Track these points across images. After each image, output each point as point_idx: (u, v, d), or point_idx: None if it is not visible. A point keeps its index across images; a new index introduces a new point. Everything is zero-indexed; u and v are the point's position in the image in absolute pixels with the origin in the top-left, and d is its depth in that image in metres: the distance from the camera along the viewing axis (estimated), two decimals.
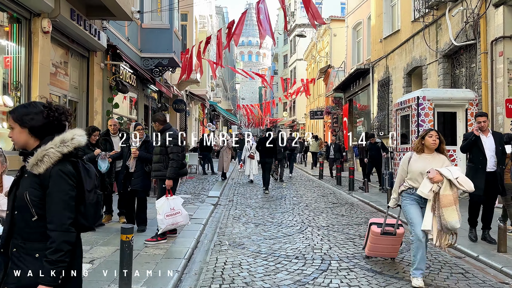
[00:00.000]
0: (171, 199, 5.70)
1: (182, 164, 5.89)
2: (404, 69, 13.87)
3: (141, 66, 13.48)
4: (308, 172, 18.40)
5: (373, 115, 16.95)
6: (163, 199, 5.66)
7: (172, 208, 5.63)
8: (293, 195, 10.73)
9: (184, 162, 5.98)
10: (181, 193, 10.46)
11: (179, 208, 5.71)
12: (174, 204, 5.68)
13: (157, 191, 6.19)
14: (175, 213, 5.63)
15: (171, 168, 5.62)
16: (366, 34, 19.49)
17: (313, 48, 31.63)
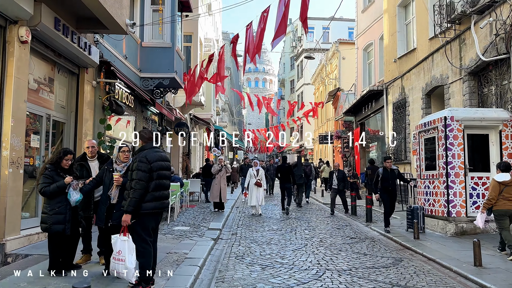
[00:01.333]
0: (122, 240, 4.50)
1: (160, 196, 4.66)
2: (423, 89, 12.86)
3: (141, 86, 12.63)
4: (319, 200, 17.19)
5: (388, 139, 15.85)
6: (116, 237, 4.55)
7: (118, 252, 4.49)
8: (304, 227, 9.55)
9: (162, 194, 4.68)
10: (179, 225, 9.35)
11: (126, 256, 4.46)
12: (122, 248, 4.49)
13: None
14: (118, 259, 4.49)
15: (130, 199, 4.41)
16: (377, 55, 18.64)
17: (321, 70, 30.89)
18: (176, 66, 13.15)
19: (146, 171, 4.48)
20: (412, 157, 13.64)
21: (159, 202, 4.63)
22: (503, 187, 6.48)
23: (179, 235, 8.05)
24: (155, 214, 4.63)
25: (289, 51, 53.32)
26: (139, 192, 4.42)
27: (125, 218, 4.42)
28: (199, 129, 25.37)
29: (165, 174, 4.72)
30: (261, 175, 12.12)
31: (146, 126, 13.64)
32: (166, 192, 4.78)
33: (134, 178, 4.46)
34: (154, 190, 4.55)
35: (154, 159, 4.57)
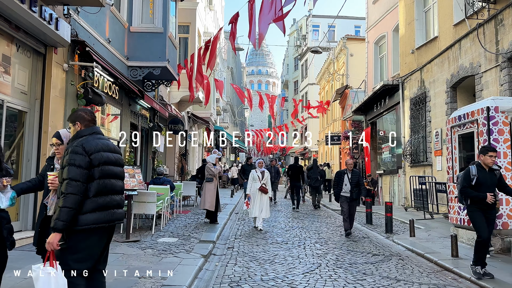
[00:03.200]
0: (46, 274, 2.87)
1: (106, 204, 3.09)
2: (447, 82, 11.34)
3: (128, 76, 11.17)
4: (327, 206, 15.64)
5: (404, 139, 14.31)
6: (37, 268, 2.92)
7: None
8: (314, 240, 8.02)
9: (110, 200, 3.12)
10: (166, 235, 7.84)
11: None
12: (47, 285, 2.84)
13: None
14: None
15: (59, 210, 2.90)
16: (391, 48, 17.13)
17: (328, 68, 29.37)
18: (169, 54, 11.69)
19: (83, 166, 2.97)
20: (434, 158, 12.11)
21: (105, 213, 3.07)
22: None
23: (162, 249, 6.55)
24: (99, 230, 3.09)
25: (293, 51, 51.88)
26: (73, 198, 2.90)
27: (51, 239, 2.90)
28: (198, 129, 23.90)
29: (115, 172, 3.20)
30: (267, 178, 9.72)
31: (135, 122, 12.16)
32: (118, 198, 3.25)
33: (65, 177, 2.96)
34: (96, 194, 3.03)
35: (95, 149, 3.07)
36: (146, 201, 8.07)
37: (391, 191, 15.90)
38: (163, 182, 9.83)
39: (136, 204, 8.13)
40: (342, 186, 8.85)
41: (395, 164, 15.63)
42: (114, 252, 6.23)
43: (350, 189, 8.76)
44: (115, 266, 5.38)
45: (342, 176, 8.99)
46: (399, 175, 14.85)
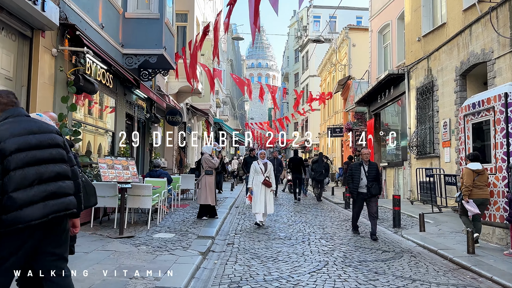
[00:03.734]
0: None
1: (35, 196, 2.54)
2: (457, 69, 10.85)
3: (123, 64, 10.69)
4: (329, 199, 15.22)
5: (410, 130, 13.84)
6: None
7: None
8: (319, 235, 7.59)
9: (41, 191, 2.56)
10: (162, 231, 7.42)
11: None
12: None
13: None
14: None
15: None
16: (395, 36, 16.61)
17: (329, 59, 28.80)
18: (166, 41, 11.19)
19: None
20: (442, 150, 11.66)
21: (33, 208, 2.55)
22: (476, 175, 6.65)
23: (158, 246, 6.12)
24: (28, 229, 2.56)
25: (294, 43, 51.23)
26: None
27: None
28: (197, 121, 23.42)
29: (40, 156, 2.64)
30: (270, 170, 8.83)
31: (131, 112, 11.69)
32: (51, 186, 2.66)
33: None
34: (16, 188, 2.53)
35: (6, 135, 2.56)
36: (141, 194, 7.62)
37: (396, 184, 15.47)
38: (159, 175, 9.38)
39: (130, 198, 7.69)
40: (359, 181, 7.58)
41: (400, 156, 15.19)
42: (105, 249, 5.81)
43: (366, 183, 7.51)
44: (106, 265, 4.95)
45: (357, 169, 7.69)
46: (404, 167, 14.41)
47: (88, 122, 9.21)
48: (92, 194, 3.38)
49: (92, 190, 3.41)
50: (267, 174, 8.75)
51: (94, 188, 3.45)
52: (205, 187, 8.75)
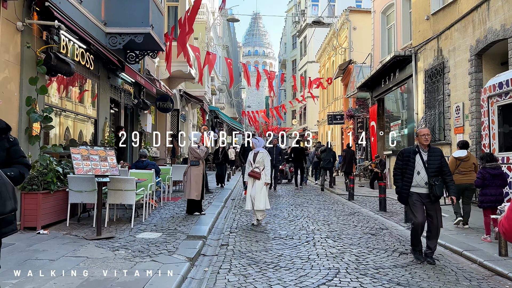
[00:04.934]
0: None
1: None
2: (472, 49, 9.92)
3: (107, 45, 9.71)
4: (330, 189, 14.40)
5: (418, 116, 12.96)
6: None
7: None
8: (325, 233, 6.73)
9: None
10: (148, 229, 6.55)
11: None
12: None
13: None
14: None
15: None
16: (400, 16, 15.61)
17: (331, 40, 27.70)
18: (153, 19, 10.19)
19: None
20: (454, 137, 10.79)
21: None
22: (459, 162, 6.92)
23: (139, 250, 5.24)
24: None
25: (291, 29, 50.00)
26: None
27: None
28: (192, 109, 22.45)
29: None
30: (261, 161, 7.53)
31: (116, 98, 10.73)
32: None
33: None
34: None
35: None
36: (123, 189, 6.74)
37: None
38: (146, 166, 8.49)
39: (111, 193, 6.80)
40: (412, 176, 5.17)
41: (406, 144, 14.33)
42: (76, 255, 4.93)
43: (427, 180, 5.09)
44: (70, 277, 4.09)
45: (410, 159, 5.23)
46: None
47: (66, 108, 8.28)
48: (7, 198, 2.48)
49: (9, 193, 2.50)
50: (257, 164, 7.54)
51: (12, 188, 2.54)
52: (189, 180, 7.81)
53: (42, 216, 6.31)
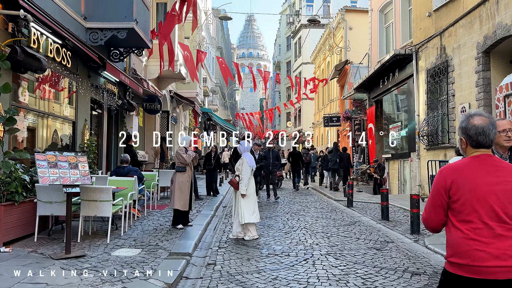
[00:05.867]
0: None
1: None
2: (479, 46, 9.30)
3: (87, 41, 8.98)
4: (327, 195, 13.72)
5: (419, 118, 12.32)
6: None
7: None
8: (325, 249, 6.01)
9: None
10: (125, 245, 5.81)
11: None
12: None
13: None
14: None
15: None
16: (399, 14, 15.01)
17: (326, 41, 27.09)
18: (138, 13, 9.46)
19: None
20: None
21: None
22: None
23: (110, 273, 4.50)
24: None
25: (286, 30, 49.42)
26: None
27: None
28: (183, 110, 21.68)
29: None
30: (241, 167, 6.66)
31: (98, 98, 9.97)
32: None
33: None
34: None
35: None
36: (98, 199, 5.99)
37: (401, 177, 13.99)
38: (128, 172, 7.74)
39: (85, 204, 6.06)
40: None
41: (406, 147, 13.69)
42: (34, 281, 4.19)
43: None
44: None
45: None
46: (411, 159, 12.91)
47: (38, 109, 7.52)
48: None
49: None
50: (237, 172, 6.75)
51: None
52: (174, 188, 7.06)
53: (5, 231, 5.54)
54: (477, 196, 1.96)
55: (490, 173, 2.01)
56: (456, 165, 2.08)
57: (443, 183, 2.05)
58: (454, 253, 1.98)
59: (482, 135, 2.05)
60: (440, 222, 2.08)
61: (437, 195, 2.07)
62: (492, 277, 1.87)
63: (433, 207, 2.09)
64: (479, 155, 2.07)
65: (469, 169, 2.03)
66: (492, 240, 1.90)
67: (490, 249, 1.89)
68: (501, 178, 1.99)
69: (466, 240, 1.94)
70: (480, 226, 1.93)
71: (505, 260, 1.87)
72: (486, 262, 1.88)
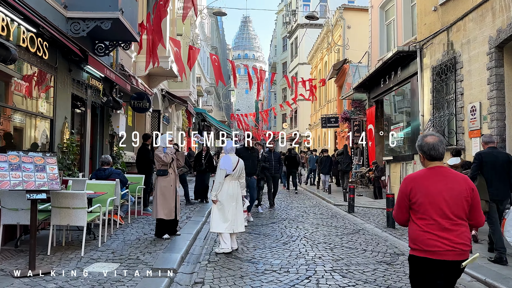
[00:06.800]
0: None
1: None
2: (491, 40, 8.64)
3: (68, 32, 8.24)
4: (326, 198, 13.03)
5: (423, 118, 11.67)
6: None
7: None
8: (329, 264, 5.30)
9: None
10: (102, 258, 5.08)
11: None
12: None
13: None
14: None
15: None
16: (401, 10, 14.37)
17: (323, 40, 26.44)
18: (123, 3, 8.72)
19: None
20: (469, 141, 9.50)
21: None
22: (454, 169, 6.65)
23: None
24: None
25: (282, 30, 48.82)
26: None
27: None
28: (176, 110, 20.94)
29: None
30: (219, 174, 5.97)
31: (81, 95, 9.21)
32: None
33: None
34: None
35: None
36: (70, 206, 5.26)
37: None
38: (109, 175, 6.99)
39: (56, 212, 5.32)
40: None
41: (409, 149, 13.03)
42: None
43: None
44: None
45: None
46: (414, 162, 12.23)
47: (6, 104, 6.75)
48: None
49: None
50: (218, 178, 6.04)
51: None
52: (156, 194, 6.31)
53: None
54: (429, 199, 2.55)
55: (440, 181, 2.58)
56: (415, 175, 2.67)
57: (405, 189, 2.66)
58: (414, 242, 2.59)
59: (433, 150, 2.64)
60: (405, 218, 2.69)
61: (401, 198, 2.68)
62: (441, 257, 2.51)
63: (399, 208, 2.71)
64: (433, 167, 2.66)
65: (424, 178, 2.61)
66: (441, 232, 2.51)
67: (439, 238, 2.51)
68: (448, 185, 2.57)
69: (421, 232, 2.55)
70: (432, 222, 2.53)
71: (450, 246, 2.50)
72: (436, 248, 2.50)
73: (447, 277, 2.57)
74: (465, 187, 2.59)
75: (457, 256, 2.51)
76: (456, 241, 2.51)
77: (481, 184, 5.84)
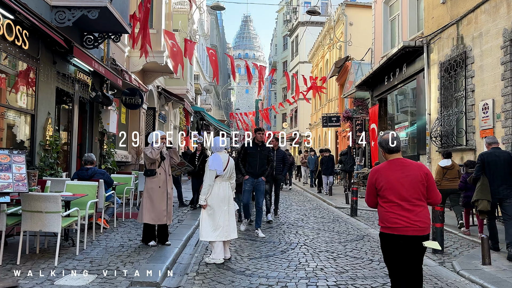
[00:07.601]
0: None
1: None
2: (506, 33, 8.07)
3: (52, 21, 7.68)
4: (327, 201, 12.46)
5: (430, 116, 11.10)
6: None
7: None
8: (333, 278, 4.71)
9: None
10: (78, 269, 4.51)
11: None
12: None
13: None
14: None
15: None
16: (406, 5, 13.80)
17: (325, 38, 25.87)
18: None
19: None
20: (480, 141, 8.93)
21: None
22: (446, 171, 7.69)
23: None
24: None
25: (282, 29, 48.22)
26: None
27: None
28: (173, 108, 20.36)
29: None
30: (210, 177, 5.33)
31: (67, 89, 8.63)
32: None
33: None
34: None
35: None
36: (43, 210, 4.69)
37: None
38: (92, 175, 6.42)
39: (27, 216, 4.75)
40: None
41: (414, 149, 12.48)
42: None
43: None
44: None
45: None
46: (420, 162, 11.67)
47: None
48: None
49: None
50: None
51: None
52: (143, 196, 5.74)
53: None
54: (390, 186, 3.09)
55: (398, 170, 3.11)
56: (379, 167, 3.21)
57: (371, 179, 3.21)
58: (381, 221, 3.15)
59: (390, 145, 3.19)
60: (374, 203, 3.26)
61: (369, 187, 3.23)
62: (402, 233, 3.02)
63: (368, 195, 3.27)
64: (393, 159, 3.20)
65: (386, 169, 3.15)
66: (402, 212, 3.03)
67: (399, 217, 3.03)
68: (405, 173, 3.09)
69: (386, 212, 3.10)
70: (394, 204, 3.07)
71: (408, 222, 3.01)
72: (397, 225, 3.02)
73: (412, 252, 3.01)
74: (420, 173, 3.07)
75: (416, 231, 2.99)
76: (414, 219, 3.00)
77: (484, 185, 5.89)
